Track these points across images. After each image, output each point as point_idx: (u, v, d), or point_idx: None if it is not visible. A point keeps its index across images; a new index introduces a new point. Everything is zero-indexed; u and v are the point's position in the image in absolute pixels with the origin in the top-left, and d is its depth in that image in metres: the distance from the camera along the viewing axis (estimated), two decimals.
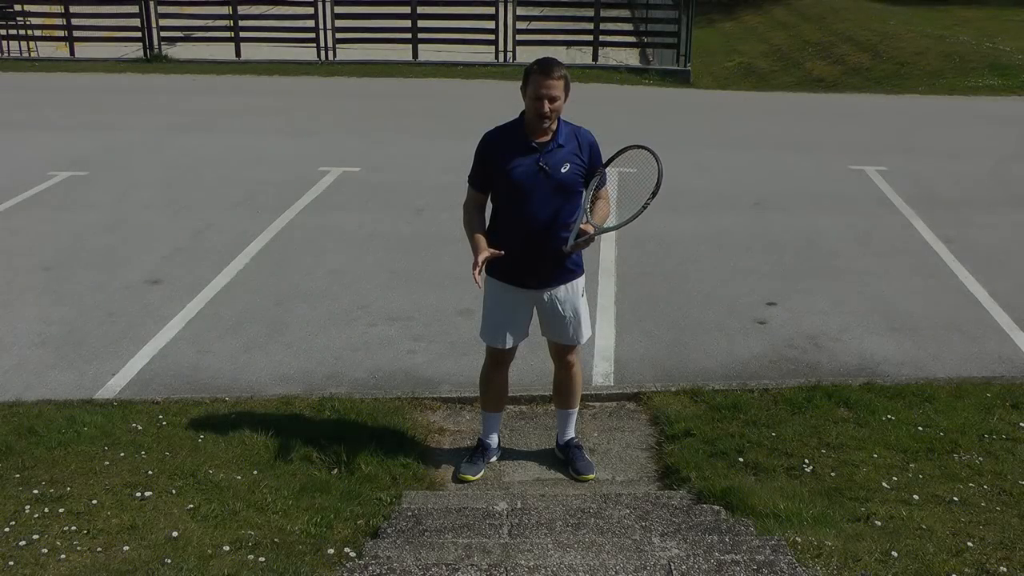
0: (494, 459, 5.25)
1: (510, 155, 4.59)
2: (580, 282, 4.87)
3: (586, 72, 19.11)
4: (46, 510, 4.39)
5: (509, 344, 4.91)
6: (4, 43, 20.99)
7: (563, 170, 4.59)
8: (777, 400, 5.75)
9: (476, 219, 4.75)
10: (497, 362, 5.04)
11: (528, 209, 4.60)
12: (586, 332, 4.97)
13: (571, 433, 5.24)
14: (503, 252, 4.57)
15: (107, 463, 4.87)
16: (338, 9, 20.45)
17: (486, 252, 4.57)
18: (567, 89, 4.53)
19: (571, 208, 4.65)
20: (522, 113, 4.64)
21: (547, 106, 4.47)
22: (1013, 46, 21.11)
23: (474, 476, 5.07)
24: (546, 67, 4.47)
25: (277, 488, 4.69)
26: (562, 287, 4.80)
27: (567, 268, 4.78)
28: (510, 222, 4.67)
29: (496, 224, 4.74)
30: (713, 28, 29.55)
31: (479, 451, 5.18)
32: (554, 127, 4.60)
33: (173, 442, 5.15)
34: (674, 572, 3.63)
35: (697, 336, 6.84)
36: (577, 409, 5.25)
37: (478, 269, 4.54)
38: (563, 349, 5.00)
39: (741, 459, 5.05)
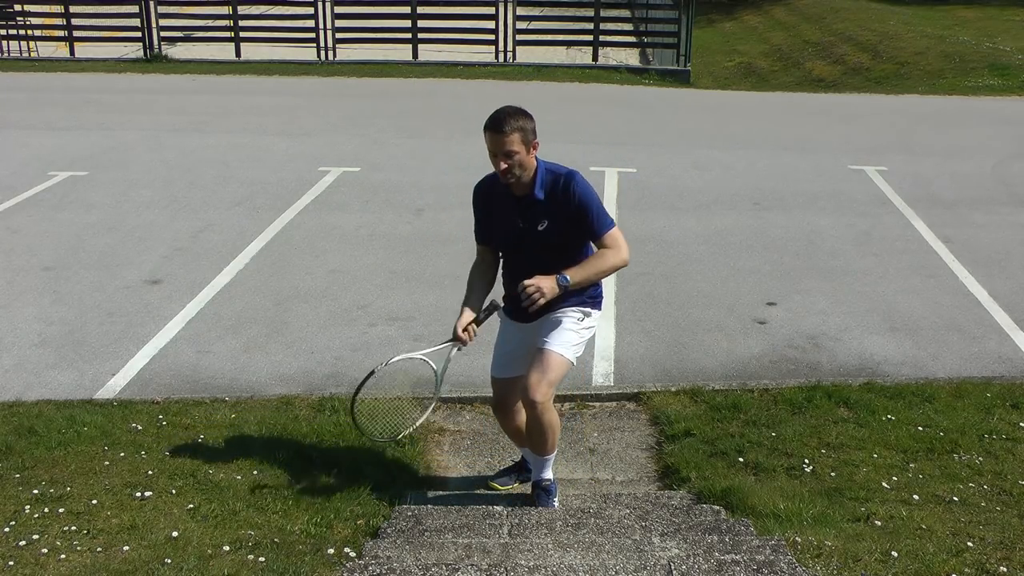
0: (528, 482, 4.86)
1: (495, 209, 4.36)
2: (583, 310, 4.41)
3: (586, 72, 19.14)
4: (46, 510, 4.39)
5: (503, 374, 4.56)
6: (4, 43, 21.00)
7: (540, 228, 4.25)
8: (777, 400, 5.75)
9: (476, 285, 4.44)
10: (497, 402, 4.65)
11: (517, 262, 4.37)
12: (563, 348, 4.33)
13: (545, 474, 4.65)
14: (479, 323, 4.31)
15: (107, 463, 4.87)
16: (338, 9, 20.46)
17: (464, 322, 4.27)
18: (528, 141, 4.14)
19: (565, 258, 4.24)
20: None
21: (504, 163, 4.12)
22: (1013, 46, 21.11)
23: (502, 487, 4.92)
24: (495, 122, 4.11)
25: (277, 488, 4.69)
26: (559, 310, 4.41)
27: (566, 304, 4.36)
28: (506, 272, 4.49)
29: (502, 269, 4.54)
30: (713, 28, 29.56)
31: (516, 468, 4.95)
32: (528, 177, 4.22)
33: (173, 442, 5.15)
34: (674, 572, 3.63)
35: (697, 336, 6.84)
36: (550, 457, 4.58)
37: (461, 333, 4.27)
38: (531, 368, 4.32)
39: (741, 459, 5.05)
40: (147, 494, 4.56)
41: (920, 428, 5.36)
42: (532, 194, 4.24)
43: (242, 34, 20.65)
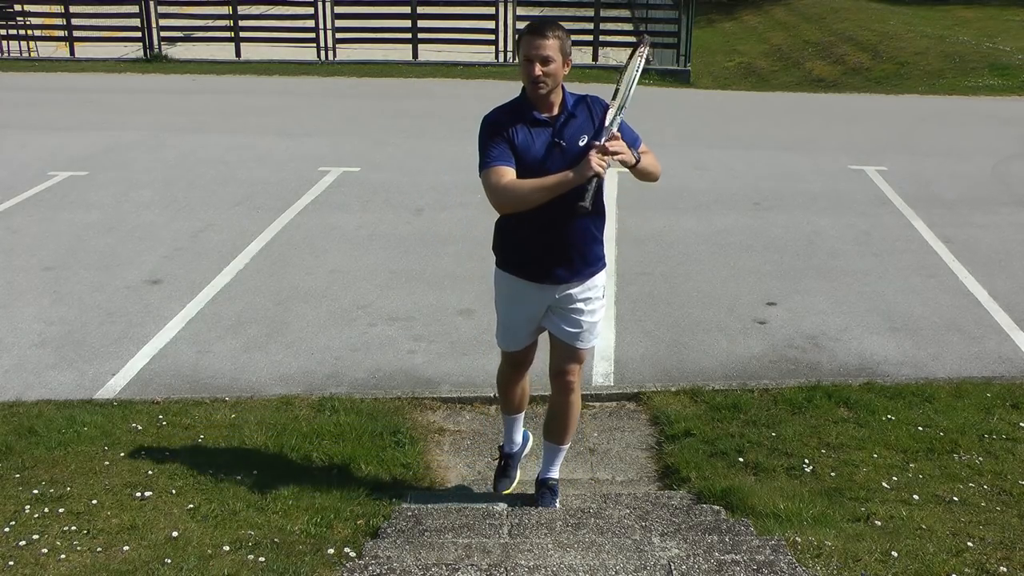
0: (528, 448, 4.90)
1: (519, 134, 4.02)
2: (599, 279, 4.29)
3: (586, 72, 19.09)
4: (46, 510, 4.39)
5: (522, 345, 4.44)
6: (4, 43, 21.00)
7: (581, 143, 4.01)
8: (777, 400, 5.75)
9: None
10: (512, 364, 4.55)
11: (546, 203, 3.97)
12: (593, 339, 4.37)
13: (552, 473, 4.66)
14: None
15: (107, 463, 4.87)
16: (338, 9, 20.46)
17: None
18: (565, 52, 3.97)
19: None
20: (524, 89, 4.06)
21: (539, 68, 3.91)
22: (1013, 46, 21.11)
23: (510, 488, 4.82)
24: (537, 26, 3.96)
25: (277, 488, 4.68)
26: (578, 285, 4.22)
27: (587, 262, 4.20)
28: (528, 222, 4.07)
29: (518, 221, 4.13)
30: (713, 28, 29.56)
31: (507, 463, 4.82)
32: (558, 97, 4.05)
33: (173, 442, 5.15)
34: (674, 572, 3.63)
35: (697, 336, 6.84)
36: (564, 450, 4.65)
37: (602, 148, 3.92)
38: (563, 360, 4.36)
39: (741, 459, 5.05)
40: (147, 494, 4.56)
41: (920, 428, 5.36)
42: (566, 110, 4.06)
43: (242, 34, 20.64)
